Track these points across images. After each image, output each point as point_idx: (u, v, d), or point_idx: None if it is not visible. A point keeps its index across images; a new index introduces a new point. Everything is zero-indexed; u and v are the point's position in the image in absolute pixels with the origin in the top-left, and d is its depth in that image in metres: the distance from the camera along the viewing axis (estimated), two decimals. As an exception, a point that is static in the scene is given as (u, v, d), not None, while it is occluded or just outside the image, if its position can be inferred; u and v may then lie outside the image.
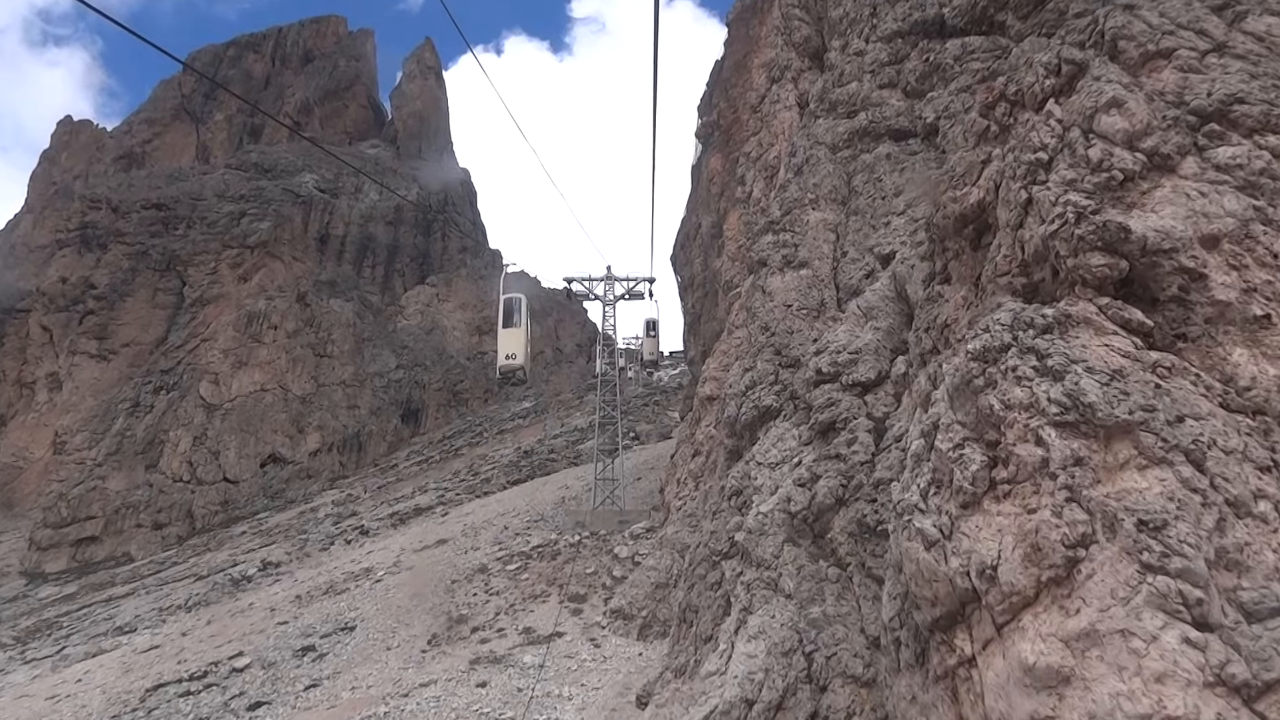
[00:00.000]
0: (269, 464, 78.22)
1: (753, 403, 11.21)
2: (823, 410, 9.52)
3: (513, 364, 27.57)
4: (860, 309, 10.23)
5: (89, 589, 55.46)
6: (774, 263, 11.96)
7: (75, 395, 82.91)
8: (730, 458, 11.76)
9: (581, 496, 38.52)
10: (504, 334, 28.26)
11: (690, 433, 20.50)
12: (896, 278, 9.80)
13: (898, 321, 9.73)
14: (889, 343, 9.63)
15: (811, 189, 12.27)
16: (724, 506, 10.44)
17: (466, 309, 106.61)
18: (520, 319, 28.10)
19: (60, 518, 70.74)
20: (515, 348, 27.43)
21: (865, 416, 9.20)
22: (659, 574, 15.60)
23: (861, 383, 9.48)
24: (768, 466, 9.91)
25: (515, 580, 26.11)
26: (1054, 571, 4.59)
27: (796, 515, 8.75)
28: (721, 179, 21.91)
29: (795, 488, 9.01)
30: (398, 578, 30.14)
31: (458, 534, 35.36)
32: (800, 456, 9.48)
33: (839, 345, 9.89)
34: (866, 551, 7.81)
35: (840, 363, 9.72)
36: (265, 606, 30.57)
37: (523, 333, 28.01)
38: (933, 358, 6.69)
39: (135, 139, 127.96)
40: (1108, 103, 5.81)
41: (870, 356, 9.54)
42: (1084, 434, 4.85)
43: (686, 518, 13.77)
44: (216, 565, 47.94)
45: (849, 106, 12.96)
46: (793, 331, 11.33)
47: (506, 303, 28.47)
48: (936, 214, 7.02)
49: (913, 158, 11.64)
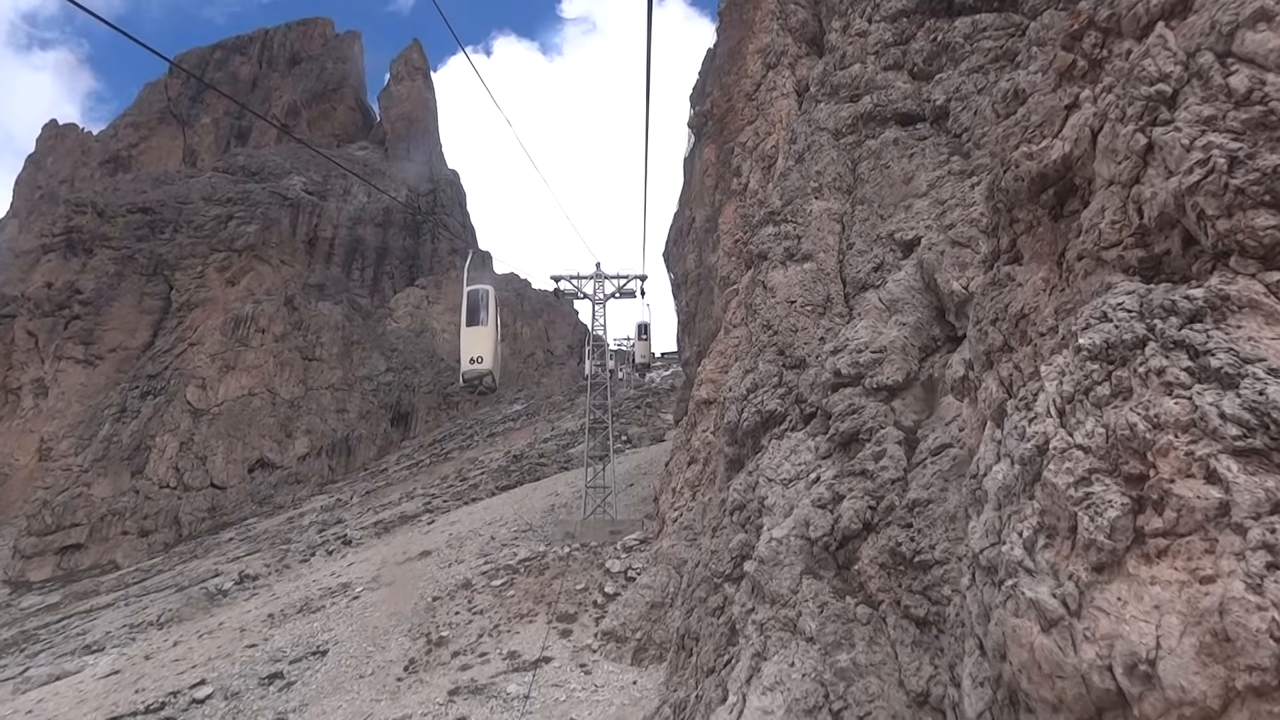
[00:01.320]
0: (257, 469, 77.24)
1: (755, 407, 10.39)
2: (843, 418, 8.61)
3: (479, 369, 22.78)
4: (882, 302, 9.36)
5: (72, 598, 54.50)
6: (775, 256, 11.25)
7: (61, 401, 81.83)
8: (731, 467, 10.92)
9: (572, 504, 37.31)
10: (468, 333, 23.27)
11: (686, 439, 19.20)
12: (924, 266, 8.95)
13: (926, 316, 8.86)
14: (917, 340, 8.75)
15: (814, 177, 11.58)
16: (726, 523, 9.59)
17: (456, 311, 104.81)
18: (487, 315, 23.30)
19: (45, 525, 69.77)
20: (481, 349, 22.74)
21: (893, 425, 8.15)
22: (654, 592, 14.30)
23: (887, 386, 8.52)
24: (780, 483, 8.97)
25: (500, 597, 24.77)
26: (1257, 678, 3.04)
27: (817, 542, 7.71)
28: (716, 170, 21.00)
29: (814, 509, 7.97)
30: (376, 594, 28.85)
31: (442, 545, 34.22)
32: (818, 472, 8.54)
33: (860, 344, 8.98)
34: (903, 587, 6.79)
35: (862, 364, 8.77)
36: (235, 626, 29.21)
37: (490, 332, 23.18)
38: (1005, 357, 5.62)
39: (121, 143, 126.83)
40: (1254, 14, 4.26)
41: (896, 356, 8.61)
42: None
43: (683, 530, 12.81)
44: (197, 576, 46.93)
45: (852, 90, 12.31)
46: (797, 330, 10.55)
47: (471, 296, 23.54)
48: (1004, 176, 5.82)
49: (922, 143, 10.97)
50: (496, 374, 23.32)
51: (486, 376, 22.77)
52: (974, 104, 10.66)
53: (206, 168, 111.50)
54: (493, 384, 23.28)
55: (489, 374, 22.74)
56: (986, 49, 10.79)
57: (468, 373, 22.92)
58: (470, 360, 22.72)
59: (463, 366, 22.86)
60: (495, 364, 23.07)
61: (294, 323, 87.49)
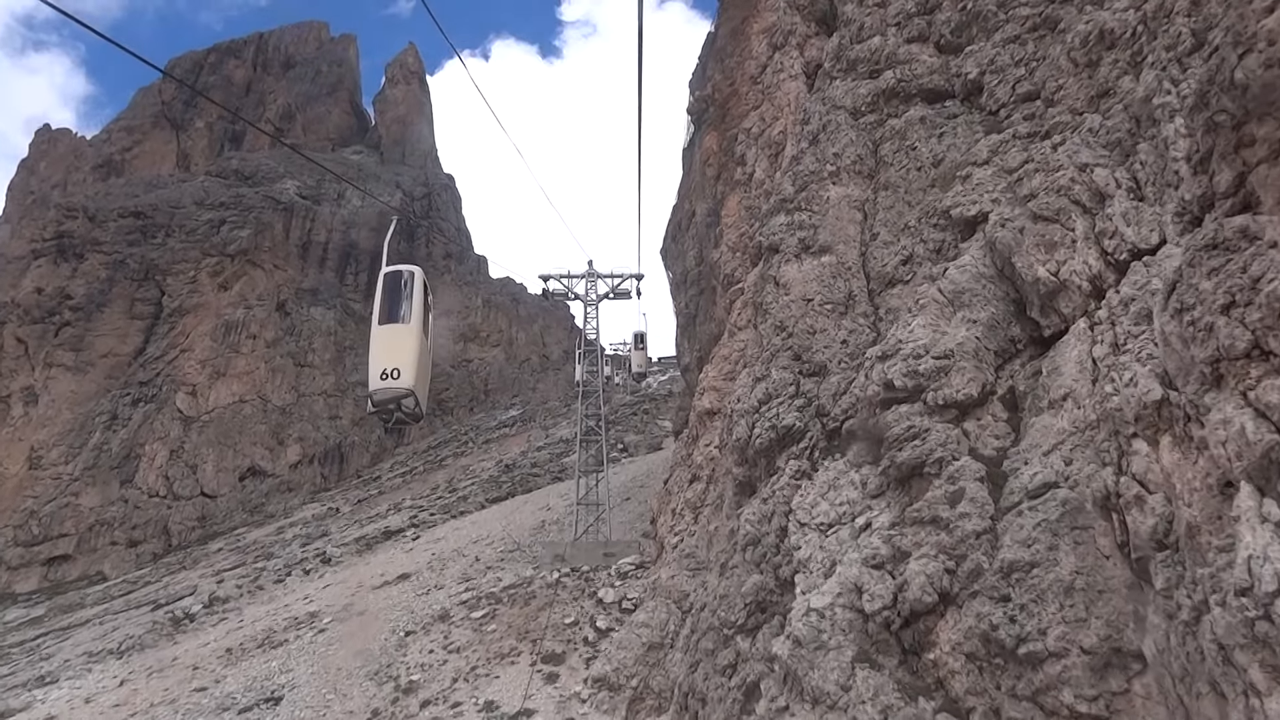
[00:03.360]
0: (248, 477, 75.99)
1: (769, 422, 9.01)
2: (900, 445, 6.88)
3: (394, 388, 14.54)
4: (943, 294, 7.66)
5: (56, 611, 53.26)
6: (789, 248, 10.03)
7: (51, 409, 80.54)
8: (741, 491, 9.50)
9: (563, 520, 35.27)
10: (380, 335, 15.22)
11: (686, 453, 17.18)
12: (996, 248, 7.35)
13: (1002, 310, 7.23)
14: (992, 341, 7.09)
15: (831, 160, 10.38)
16: (737, 560, 8.17)
17: (450, 316, 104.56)
18: (410, 310, 15.23)
19: (31, 536, 68.60)
20: (399, 359, 14.69)
21: (970, 455, 6.51)
22: (651, 631, 12.26)
23: (957, 402, 6.83)
24: (815, 529, 7.25)
25: (480, 632, 22.56)
26: None
27: (874, 618, 6.10)
28: (718, 160, 19.54)
29: (867, 570, 6.28)
30: (345, 626, 26.72)
31: (423, 566, 32.50)
32: (868, 516, 6.84)
33: (917, 347, 7.29)
34: (1002, 690, 5.17)
35: (922, 373, 7.08)
36: (189, 663, 27.30)
37: (413, 333, 15.16)
38: (1255, 366, 3.71)
39: (114, 147, 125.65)
40: None
41: (967, 363, 6.92)
42: None
43: (684, 558, 11.34)
44: (176, 593, 45.46)
45: (871, 65, 11.14)
46: (815, 331, 9.23)
47: (388, 282, 15.48)
48: (1237, 64, 3.94)
49: (952, 121, 9.81)
50: (423, 396, 15.10)
51: (406, 399, 14.44)
52: (1011, 76, 9.52)
53: (200, 172, 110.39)
54: (416, 410, 14.92)
55: (409, 395, 14.40)
56: (1024, 17, 9.63)
57: (378, 392, 14.40)
58: (382, 374, 14.35)
59: (371, 383, 14.44)
60: (421, 381, 14.96)
61: (286, 328, 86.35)
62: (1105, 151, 6.61)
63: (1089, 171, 6.68)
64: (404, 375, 14.30)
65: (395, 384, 14.26)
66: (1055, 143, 7.40)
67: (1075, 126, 7.21)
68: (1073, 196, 6.72)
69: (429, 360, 15.71)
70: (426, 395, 15.39)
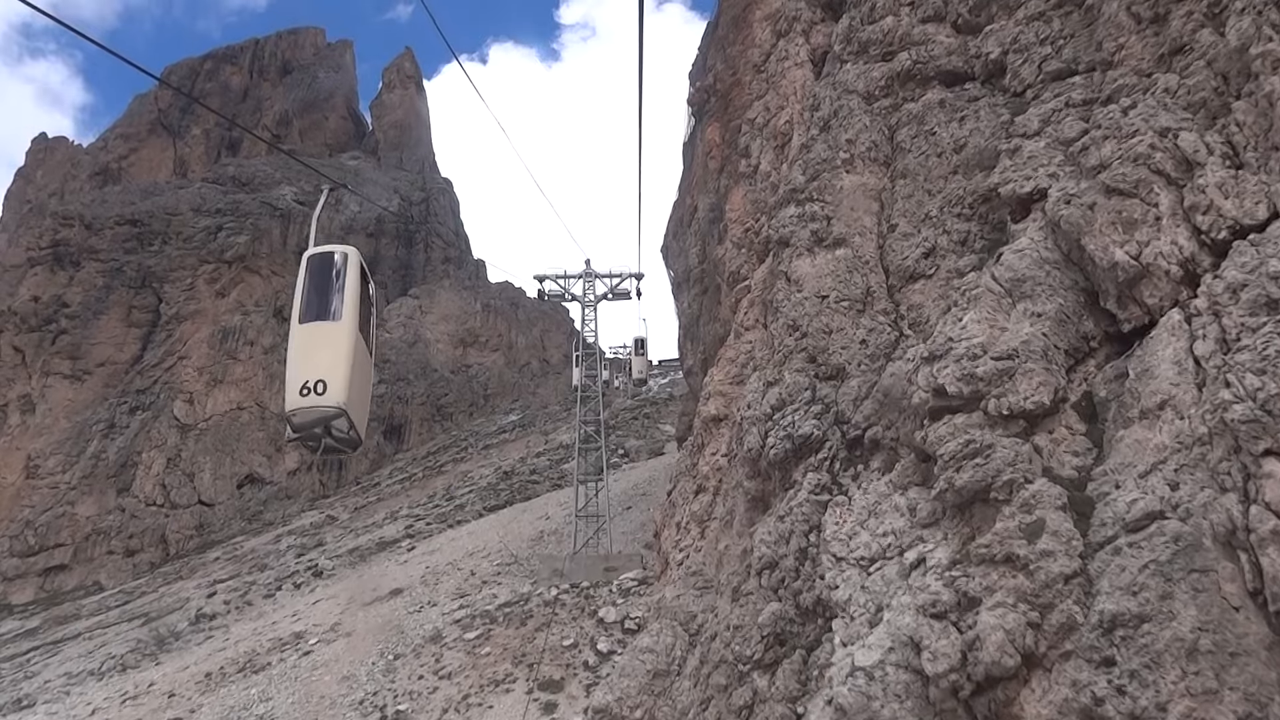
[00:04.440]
0: (246, 485, 75.35)
1: (784, 431, 8.17)
2: (958, 464, 5.76)
3: (318, 406, 10.45)
4: (999, 283, 6.56)
5: (51, 623, 52.57)
6: (800, 241, 9.32)
7: (49, 418, 80.00)
8: (754, 507, 8.70)
9: (562, 530, 34.16)
10: (301, 336, 11.21)
11: (691, 463, 16.08)
12: (1061, 229, 6.36)
13: (1071, 301, 6.20)
14: (1061, 338, 6.05)
15: (844, 147, 9.68)
16: (752, 586, 7.37)
17: (450, 321, 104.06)
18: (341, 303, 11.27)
19: (27, 546, 68.01)
20: (326, 368, 10.70)
21: (1045, 477, 5.41)
22: (656, 657, 11.24)
23: (1025, 412, 5.77)
24: (855, 564, 6.23)
25: (473, 655, 21.31)
26: None
27: (938, 682, 5.01)
28: (721, 152, 18.74)
29: (925, 621, 5.18)
30: (332, 648, 25.65)
31: (416, 581, 31.58)
32: (921, 549, 5.78)
33: (973, 345, 6.20)
34: None
35: (981, 376, 5.99)
36: (165, 690, 26.31)
37: (345, 334, 11.14)
38: None
39: (111, 155, 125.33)
40: None
41: (1035, 364, 5.84)
42: None
43: (691, 576, 10.52)
44: (167, 606, 44.72)
45: (884, 47, 10.45)
46: (831, 331, 8.48)
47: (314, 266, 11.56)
48: None
49: (974, 104, 9.11)
50: (361, 416, 11.25)
51: (337, 420, 10.65)
52: (1036, 55, 8.82)
53: (197, 178, 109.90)
54: (352, 435, 11.00)
55: (339, 415, 10.58)
56: (1049, -8, 8.96)
57: (297, 413, 10.55)
58: (302, 388, 10.42)
59: (287, 400, 10.50)
60: (357, 397, 11.01)
61: (283, 334, 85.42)
62: (1187, 114, 5.80)
63: (1172, 137, 5.84)
64: (332, 389, 10.10)
65: (320, 401, 10.04)
66: (1125, 106, 6.48)
67: (1146, 88, 6.40)
68: (1154, 165, 5.82)
69: (369, 369, 11.49)
70: (366, 415, 11.08)
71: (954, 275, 7.88)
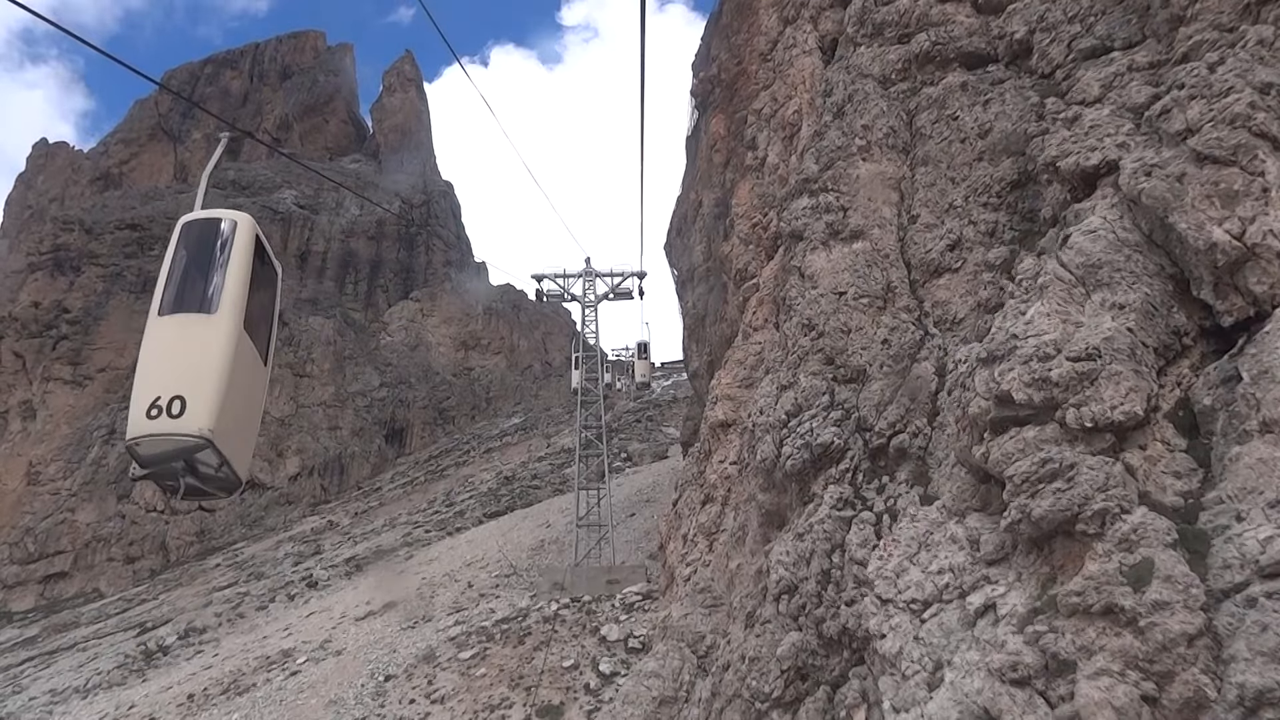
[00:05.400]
0: (246, 490, 74.69)
1: (801, 439, 7.42)
2: (1035, 488, 4.79)
3: (172, 434, 6.10)
4: (1070, 270, 5.57)
5: (50, 631, 52.14)
6: (815, 234, 8.74)
7: (50, 424, 79.71)
8: (769, 523, 8.08)
9: (563, 539, 33.07)
10: (159, 331, 6.81)
11: (698, 470, 15.18)
12: (1141, 204, 5.42)
13: (1159, 290, 5.24)
14: (1150, 335, 5.09)
15: (860, 134, 9.12)
16: (769, 612, 6.68)
17: (451, 323, 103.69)
18: (220, 290, 6.84)
19: (27, 553, 67.66)
20: (188, 379, 6.37)
21: (1144, 505, 4.49)
22: (663, 683, 10.33)
23: (1114, 424, 4.81)
24: (907, 610, 5.31)
25: (468, 677, 20.21)
26: None
27: None
28: (726, 145, 18.00)
29: (1004, 689, 4.22)
30: (320, 667, 24.62)
31: (411, 594, 30.70)
32: (989, 593, 4.83)
33: (1044, 344, 5.22)
34: None
35: (1056, 381, 4.99)
36: (145, 713, 25.49)
37: (222, 334, 6.67)
38: None
39: (112, 160, 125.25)
40: None
41: (1122, 365, 4.89)
42: None
43: (698, 593, 9.81)
44: (163, 615, 44.11)
45: (900, 29, 9.91)
46: (850, 330, 7.85)
47: (188, 236, 7.16)
48: None
49: (998, 87, 8.56)
50: (242, 448, 6.91)
51: (201, 451, 6.30)
52: (1065, 34, 8.26)
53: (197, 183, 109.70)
54: (225, 474, 6.68)
55: (204, 446, 6.25)
56: (1078, -34, 8.40)
57: (141, 441, 6.20)
58: (151, 406, 6.23)
59: (130, 423, 6.28)
60: (238, 422, 6.79)
61: (284, 338, 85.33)
62: (1286, 69, 5.05)
63: (1277, 93, 4.98)
64: (192, 409, 6.28)
65: (174, 427, 6.20)
66: (1211, 62, 5.56)
67: (1232, 43, 5.61)
68: (1256, 128, 4.92)
69: (260, 383, 7.54)
70: (251, 446, 7.27)
71: (982, 269, 7.30)
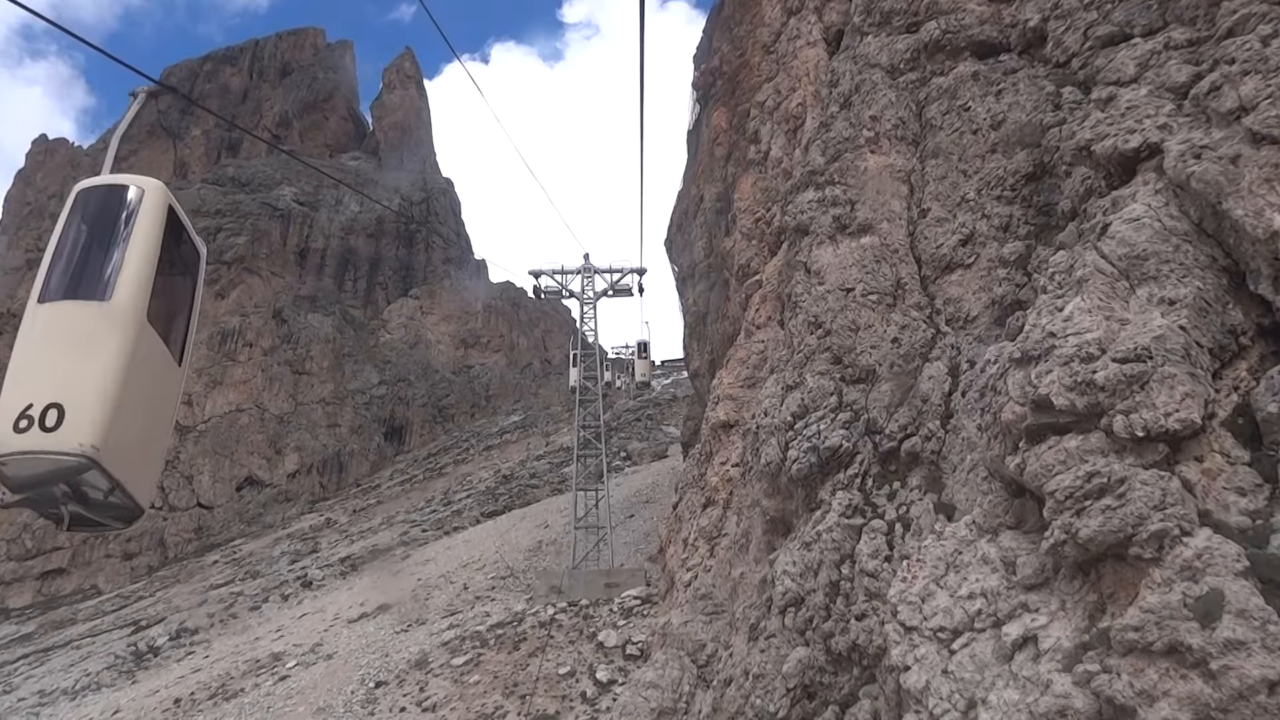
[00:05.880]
0: (245, 487, 74.66)
1: (808, 442, 7.15)
2: (1081, 506, 4.31)
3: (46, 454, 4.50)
4: (1113, 262, 5.08)
5: (47, 628, 51.91)
6: (821, 229, 8.51)
7: (47, 420, 79.39)
8: (774, 530, 7.83)
9: (561, 540, 32.56)
10: (39, 321, 5.02)
11: (699, 473, 14.76)
12: (1190, 189, 4.96)
13: (1212, 284, 4.77)
14: (1204, 334, 4.60)
15: (867, 125, 8.89)
16: (774, 625, 6.40)
17: (451, 321, 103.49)
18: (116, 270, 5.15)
19: (24, 550, 67.42)
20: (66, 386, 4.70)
21: (1207, 527, 4.04)
22: (662, 694, 9.93)
23: (1168, 433, 4.34)
24: (934, 639, 4.84)
25: (461, 684, 19.65)
26: None
27: None
28: (728, 138, 17.66)
29: None
30: (310, 671, 24.21)
31: (406, 596, 30.34)
32: (1028, 623, 4.35)
33: (1086, 343, 4.72)
34: None
35: (1101, 384, 4.53)
36: (130, 718, 25.26)
37: (116, 323, 5.01)
38: None
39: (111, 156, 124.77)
40: None
41: (1176, 367, 4.40)
42: None
43: (698, 600, 9.48)
44: (158, 614, 43.82)
45: (909, 17, 9.67)
46: (858, 328, 7.59)
47: (84, 206, 5.58)
48: None
49: (1011, 77, 8.32)
50: (135, 467, 4.99)
51: (86, 472, 4.65)
52: (1082, 21, 8.02)
53: (196, 180, 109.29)
54: (115, 499, 4.94)
55: (84, 465, 4.59)
56: (1094, -48, 8.16)
57: (7, 460, 4.54)
58: (20, 418, 4.54)
59: None
60: (127, 433, 4.88)
61: (283, 336, 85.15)
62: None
63: None
64: (73, 421, 4.69)
65: (47, 442, 4.60)
66: (1264, 35, 5.15)
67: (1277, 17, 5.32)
68: None
69: (171, 390, 5.84)
70: (157, 468, 5.73)
71: (996, 264, 7.07)
